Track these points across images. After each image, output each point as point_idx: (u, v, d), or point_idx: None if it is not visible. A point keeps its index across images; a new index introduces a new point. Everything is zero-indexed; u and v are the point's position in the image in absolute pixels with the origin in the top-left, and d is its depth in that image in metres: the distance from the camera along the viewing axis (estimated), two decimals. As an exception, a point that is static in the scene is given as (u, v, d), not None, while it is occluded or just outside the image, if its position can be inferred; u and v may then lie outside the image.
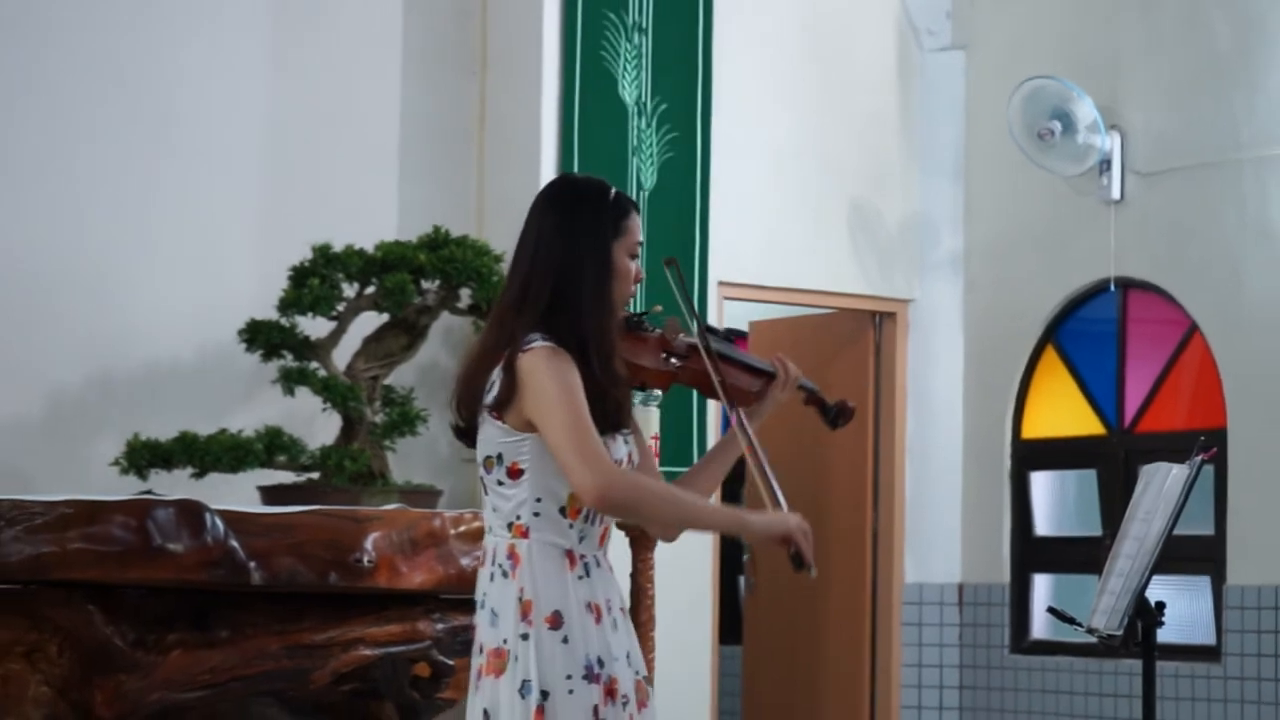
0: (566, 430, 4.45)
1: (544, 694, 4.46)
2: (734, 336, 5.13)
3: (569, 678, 4.47)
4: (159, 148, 11.20)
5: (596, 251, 4.64)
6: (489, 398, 4.58)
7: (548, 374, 4.47)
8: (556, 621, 4.50)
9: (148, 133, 11.20)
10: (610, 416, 4.58)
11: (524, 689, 4.47)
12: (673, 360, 4.93)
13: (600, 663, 4.52)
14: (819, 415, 5.06)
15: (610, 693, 4.53)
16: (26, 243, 10.85)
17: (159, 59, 11.29)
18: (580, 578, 4.57)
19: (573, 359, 4.52)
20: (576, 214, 4.68)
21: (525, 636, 4.49)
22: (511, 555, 4.56)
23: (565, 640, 4.49)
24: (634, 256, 4.73)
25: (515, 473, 4.57)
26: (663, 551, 7.84)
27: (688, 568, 11.12)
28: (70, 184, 11.00)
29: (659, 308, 5.17)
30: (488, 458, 4.61)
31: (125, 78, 11.20)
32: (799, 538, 4.63)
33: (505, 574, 4.56)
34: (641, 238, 4.79)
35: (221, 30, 11.40)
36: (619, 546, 7.53)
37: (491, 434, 4.59)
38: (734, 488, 12.98)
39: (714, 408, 11.57)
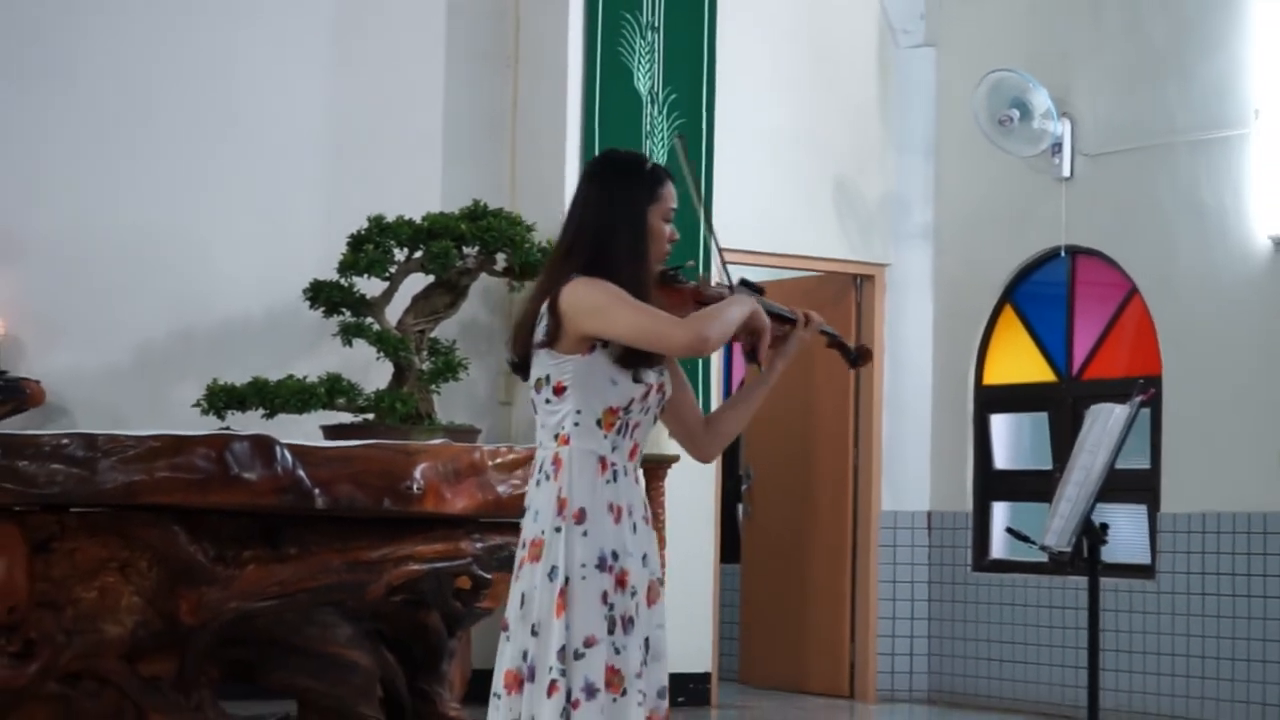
0: (637, 317, 4.53)
1: (568, 579, 4.51)
2: (756, 288, 5.11)
3: (584, 565, 4.52)
4: (233, 132, 11.21)
5: (633, 215, 4.70)
6: (537, 334, 4.63)
7: (590, 290, 4.55)
8: (581, 517, 4.55)
9: (223, 119, 11.21)
10: (640, 351, 4.60)
11: (552, 573, 4.52)
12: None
13: (615, 556, 4.56)
14: (841, 357, 5.06)
15: (620, 583, 4.56)
16: (119, 217, 10.89)
17: (234, 57, 11.29)
18: (608, 482, 4.60)
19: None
20: (616, 183, 4.75)
21: (558, 529, 4.54)
22: (555, 461, 4.60)
23: (585, 534, 4.54)
24: (668, 220, 4.78)
25: (559, 390, 4.61)
26: (672, 480, 7.90)
27: (693, 496, 11.15)
28: (156, 165, 11.02)
29: (691, 263, 5.18)
30: (538, 380, 4.66)
31: (204, 71, 11.22)
32: (759, 325, 4.75)
33: (548, 478, 4.60)
34: (675, 205, 4.83)
35: (288, 30, 11.40)
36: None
37: (541, 361, 4.63)
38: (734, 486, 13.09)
39: (715, 359, 11.59)
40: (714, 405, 10.73)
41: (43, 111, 10.82)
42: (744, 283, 5.01)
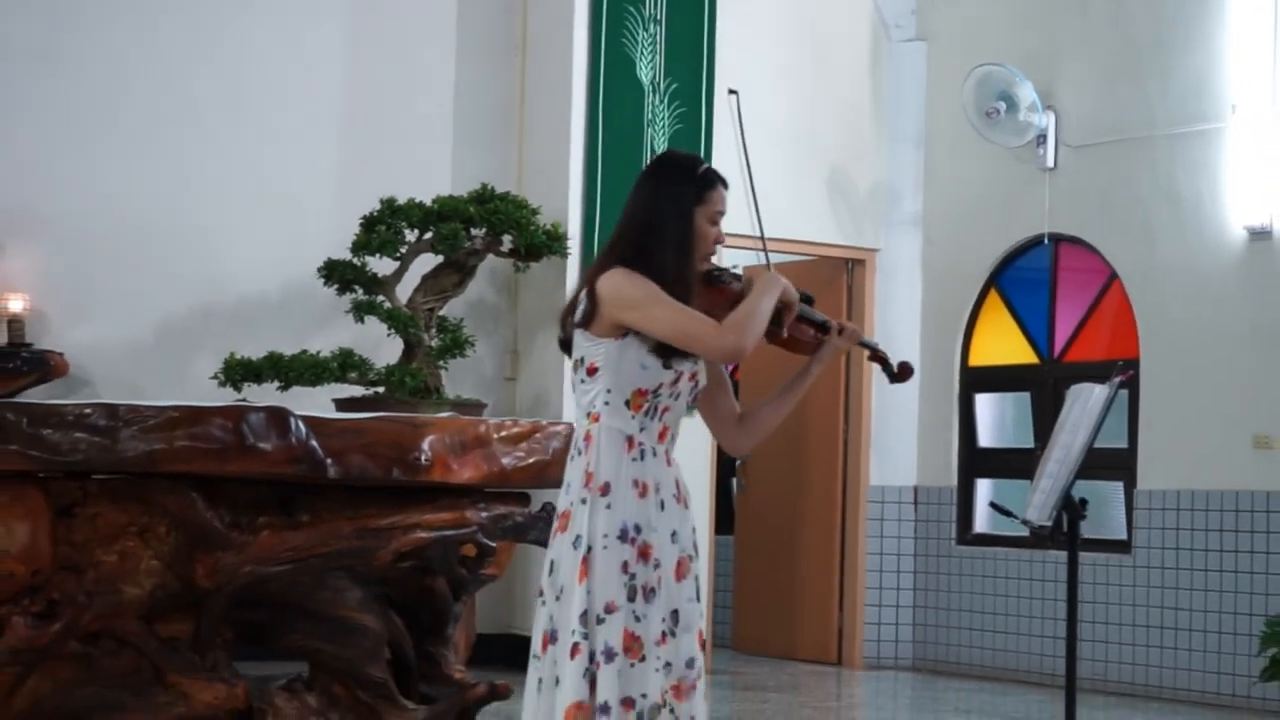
0: (676, 317, 4.55)
1: (590, 548, 4.54)
2: (809, 299, 5.10)
3: (605, 536, 4.54)
4: (251, 116, 11.23)
5: (679, 215, 4.69)
6: (576, 316, 4.66)
7: (628, 283, 4.56)
8: (605, 490, 4.57)
9: (241, 105, 11.24)
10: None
11: (576, 542, 4.55)
12: None
13: (637, 529, 4.58)
14: (882, 370, 5.05)
15: (643, 555, 4.57)
16: (139, 199, 10.92)
17: (250, 44, 11.32)
18: (635, 460, 4.63)
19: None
20: (667, 182, 4.76)
21: (584, 501, 4.57)
22: (586, 438, 4.63)
23: (609, 506, 4.56)
24: (714, 223, 4.79)
25: (592, 370, 4.64)
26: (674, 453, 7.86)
27: (689, 470, 11.08)
28: (174, 149, 11.05)
29: (738, 266, 5.19)
30: (576, 361, 4.69)
31: (222, 58, 11.24)
32: (789, 296, 4.83)
33: (580, 453, 4.64)
34: (723, 209, 4.84)
35: (303, 18, 11.42)
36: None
37: (578, 342, 4.66)
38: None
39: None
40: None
41: (68, 96, 10.82)
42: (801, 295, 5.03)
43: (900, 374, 5.03)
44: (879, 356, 5.05)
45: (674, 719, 4.56)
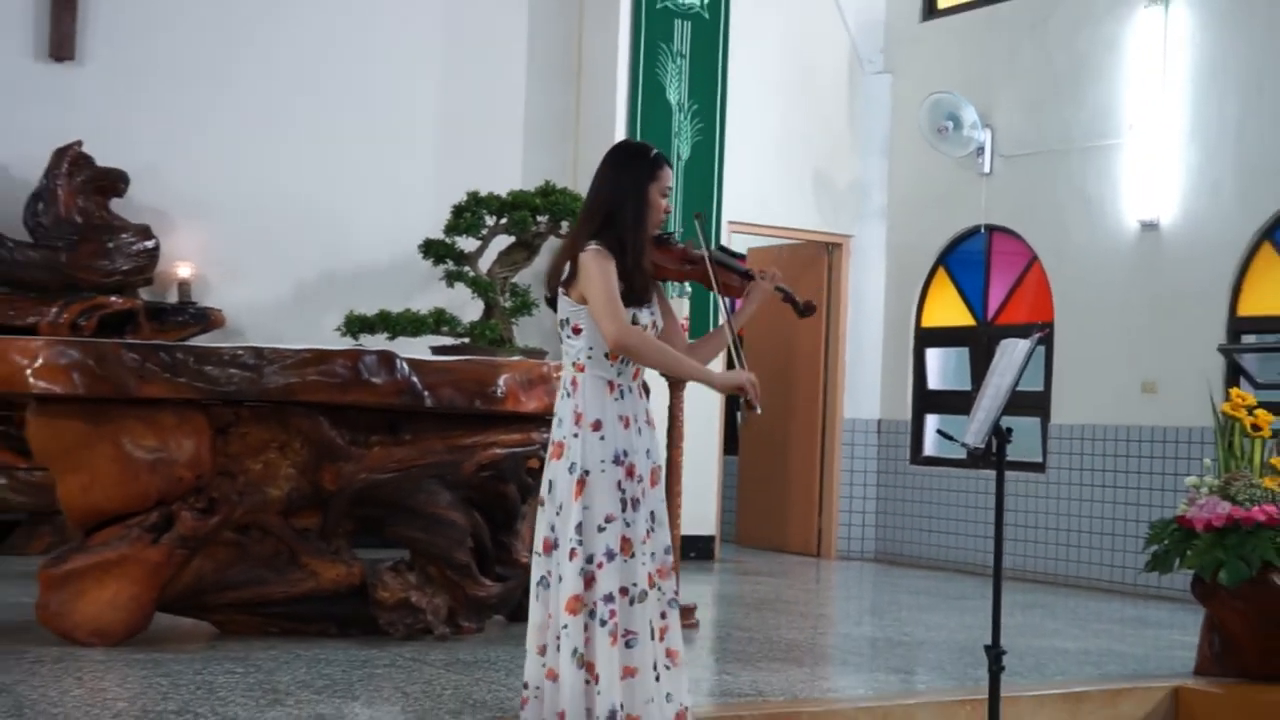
0: (602, 301, 4.43)
1: (585, 472, 4.45)
2: (737, 255, 5.04)
3: (603, 462, 4.46)
4: (367, 125, 11.25)
5: (636, 190, 4.58)
6: (562, 279, 4.56)
7: (593, 267, 4.45)
8: (598, 426, 4.49)
9: (359, 115, 11.25)
10: (635, 293, 4.54)
11: (571, 468, 4.47)
12: (687, 265, 4.86)
13: (625, 454, 4.50)
14: (792, 309, 4.93)
15: (630, 473, 4.50)
16: (281, 187, 10.96)
17: (366, 67, 11.31)
18: (616, 399, 4.54)
19: (613, 257, 4.48)
20: (626, 164, 4.63)
21: (576, 435, 4.49)
22: (573, 383, 4.54)
23: (602, 438, 4.48)
24: (664, 195, 4.65)
25: (576, 330, 4.55)
26: (688, 394, 7.88)
27: (703, 406, 11.17)
28: (309, 148, 11.06)
29: (699, 215, 5.10)
30: (561, 320, 4.60)
31: (346, 79, 11.23)
32: (749, 388, 4.60)
33: (568, 395, 4.54)
34: (671, 184, 4.70)
35: (409, 47, 11.44)
36: (660, 387, 7.62)
37: (563, 304, 4.57)
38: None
39: (726, 301, 11.59)
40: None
41: (228, 109, 10.84)
42: (720, 247, 4.99)
43: (805, 310, 4.91)
44: (790, 298, 4.91)
45: (660, 594, 4.53)
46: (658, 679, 4.48)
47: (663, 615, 4.53)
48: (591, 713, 4.39)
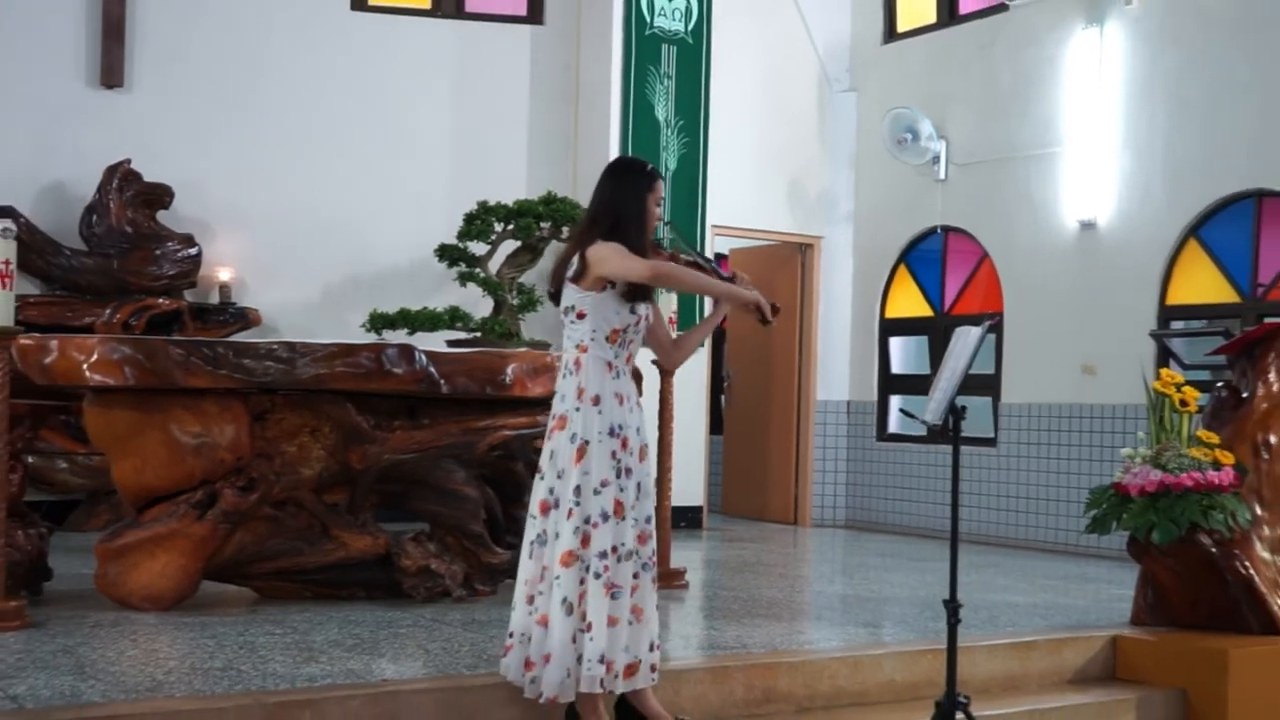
0: (624, 259, 4.49)
1: (585, 441, 4.49)
2: (720, 260, 5.06)
3: (600, 433, 4.50)
4: (388, 142, 11.22)
5: (636, 200, 4.62)
6: (570, 273, 4.59)
7: (606, 248, 4.51)
8: (597, 401, 4.52)
9: (381, 133, 11.22)
10: (638, 289, 4.59)
11: (573, 438, 4.51)
12: None
13: (620, 428, 4.54)
14: (756, 317, 4.79)
15: (623, 444, 4.54)
16: (310, 199, 10.93)
17: (386, 93, 11.27)
18: (614, 378, 4.58)
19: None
20: (624, 177, 4.68)
21: (578, 409, 4.52)
22: (576, 363, 4.57)
23: (600, 412, 4.52)
24: (658, 204, 4.70)
25: (580, 315, 4.57)
26: (678, 379, 7.87)
27: (691, 389, 11.17)
28: (337, 164, 11.04)
29: (669, 222, 5.12)
30: (566, 308, 4.62)
31: (367, 102, 11.19)
32: (761, 302, 4.66)
33: (571, 373, 4.57)
34: (663, 195, 4.76)
35: (426, 72, 11.40)
36: (651, 376, 7.60)
37: (569, 293, 4.59)
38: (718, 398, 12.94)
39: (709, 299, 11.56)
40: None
41: (262, 129, 10.82)
42: (700, 255, 5.01)
43: (765, 320, 4.85)
44: (758, 309, 4.83)
45: (639, 559, 4.54)
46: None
47: (634, 575, 4.54)
48: (582, 656, 4.44)
